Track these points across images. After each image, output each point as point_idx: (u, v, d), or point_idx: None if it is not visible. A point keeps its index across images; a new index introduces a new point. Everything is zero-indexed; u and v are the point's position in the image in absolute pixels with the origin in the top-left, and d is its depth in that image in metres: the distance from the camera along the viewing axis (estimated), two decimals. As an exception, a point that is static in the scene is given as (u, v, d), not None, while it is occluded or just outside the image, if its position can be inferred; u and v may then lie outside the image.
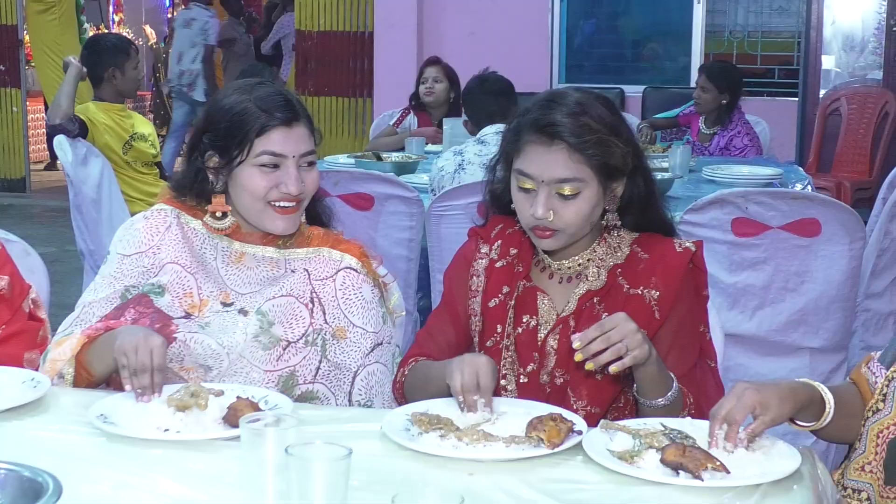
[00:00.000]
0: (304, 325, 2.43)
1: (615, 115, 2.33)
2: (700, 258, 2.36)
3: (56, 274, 4.32)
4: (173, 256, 2.47)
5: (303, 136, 2.43)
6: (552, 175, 2.26)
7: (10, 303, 2.66)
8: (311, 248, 2.51)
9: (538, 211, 2.26)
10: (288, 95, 2.46)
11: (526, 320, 2.39)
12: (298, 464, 1.62)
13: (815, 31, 8.57)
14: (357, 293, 2.48)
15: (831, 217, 3.97)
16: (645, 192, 2.36)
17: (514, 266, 2.42)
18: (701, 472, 1.80)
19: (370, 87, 9.51)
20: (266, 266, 2.49)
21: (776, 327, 4.12)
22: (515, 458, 1.92)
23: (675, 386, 2.21)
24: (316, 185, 2.48)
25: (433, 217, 4.35)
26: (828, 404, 2.02)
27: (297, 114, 2.42)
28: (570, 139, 2.24)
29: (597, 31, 9.83)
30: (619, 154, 2.28)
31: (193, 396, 2.06)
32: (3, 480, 1.65)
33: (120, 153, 5.44)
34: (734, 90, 6.46)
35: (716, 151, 6.45)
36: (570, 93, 2.33)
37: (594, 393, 2.30)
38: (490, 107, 4.71)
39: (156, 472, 1.85)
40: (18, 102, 10.71)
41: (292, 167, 2.40)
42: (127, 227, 2.54)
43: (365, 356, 2.46)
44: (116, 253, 2.51)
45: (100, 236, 5.22)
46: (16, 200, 10.33)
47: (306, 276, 2.47)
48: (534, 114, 2.29)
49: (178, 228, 2.50)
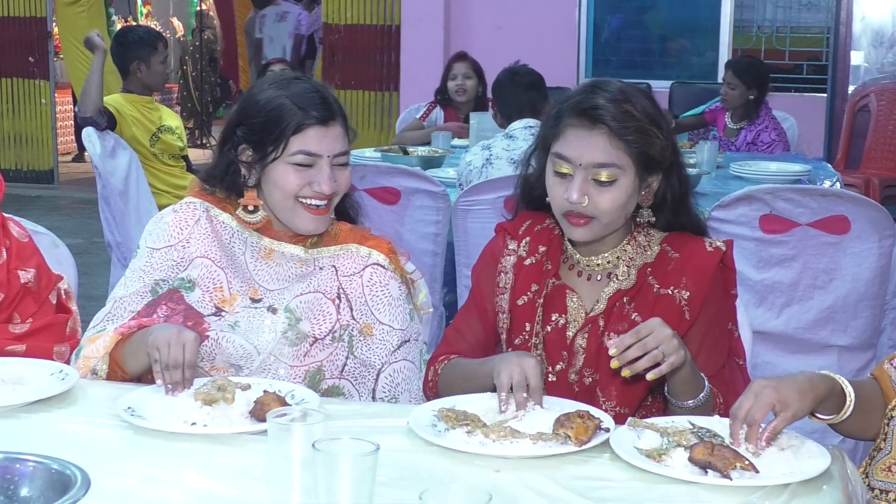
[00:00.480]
0: (331, 321, 2.42)
1: (657, 109, 2.31)
2: (730, 257, 2.34)
3: (84, 265, 4.34)
4: (203, 250, 2.47)
5: (338, 136, 2.42)
6: (591, 159, 2.24)
7: (36, 295, 2.67)
8: (339, 245, 2.50)
9: (573, 195, 2.24)
10: (324, 92, 2.44)
11: (555, 319, 2.37)
12: (325, 459, 1.62)
13: (845, 27, 8.51)
14: (384, 290, 2.47)
15: (860, 214, 3.94)
16: (679, 193, 2.34)
17: (542, 263, 2.40)
18: (730, 471, 1.79)
19: (396, 81, 9.51)
20: (294, 263, 2.48)
21: (804, 325, 4.09)
22: (542, 455, 1.91)
23: (706, 387, 2.19)
24: (348, 184, 2.47)
25: (460, 211, 4.35)
26: (848, 397, 2.00)
27: (333, 112, 2.41)
28: (612, 123, 2.22)
29: (624, 26, 9.80)
30: (658, 145, 2.26)
31: (220, 390, 2.07)
32: (32, 473, 1.66)
33: (147, 145, 5.46)
34: (761, 85, 6.42)
35: (742, 146, 6.41)
36: (614, 81, 2.32)
37: (623, 393, 2.29)
38: (520, 99, 4.70)
39: (182, 466, 1.85)
40: (47, 94, 10.76)
41: (326, 166, 2.39)
42: (156, 221, 2.54)
43: (390, 353, 2.45)
44: (146, 247, 2.51)
45: (127, 228, 5.25)
46: (44, 192, 10.38)
47: (334, 272, 2.47)
48: (576, 98, 2.28)
49: (207, 222, 2.50)
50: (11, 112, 10.83)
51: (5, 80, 10.80)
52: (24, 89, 10.79)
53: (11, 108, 10.83)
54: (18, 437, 1.97)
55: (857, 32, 8.77)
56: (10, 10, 10.68)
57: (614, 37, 9.78)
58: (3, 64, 10.76)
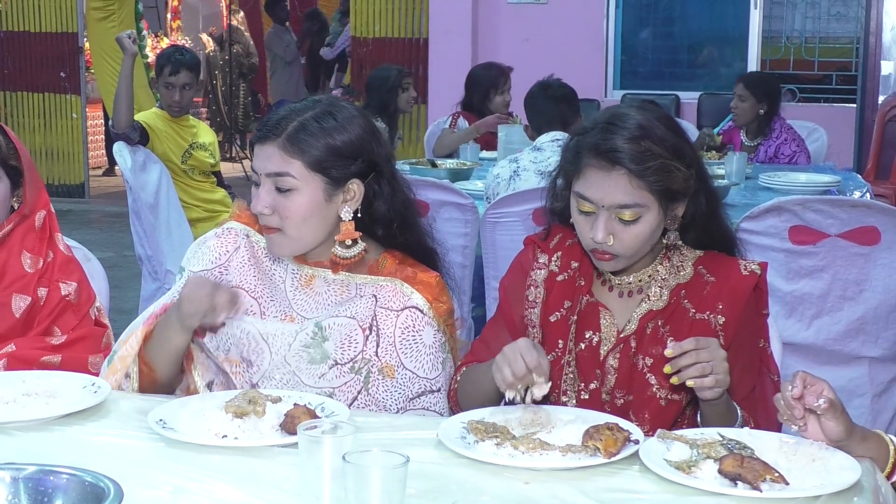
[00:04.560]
0: (356, 349, 2.38)
1: (678, 136, 2.28)
2: (764, 280, 2.34)
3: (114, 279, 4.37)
4: (238, 280, 2.46)
5: (269, 156, 2.35)
6: (612, 200, 2.23)
7: (77, 309, 2.72)
8: (385, 277, 2.43)
9: (598, 235, 2.24)
10: (293, 114, 2.36)
11: (588, 336, 2.37)
12: (355, 471, 1.63)
13: (874, 37, 8.47)
14: (416, 335, 2.40)
15: (891, 225, 3.92)
16: (707, 211, 2.33)
17: (575, 279, 2.40)
18: (759, 483, 1.79)
19: (424, 94, 9.53)
20: (336, 288, 2.45)
21: (834, 336, 4.08)
22: (572, 466, 1.91)
23: (739, 418, 2.20)
24: (292, 216, 2.35)
25: (488, 224, 4.35)
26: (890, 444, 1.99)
27: (268, 132, 2.35)
28: (631, 165, 2.20)
29: (652, 37, 9.79)
30: (681, 178, 2.25)
31: (251, 403, 2.08)
32: (66, 486, 1.67)
33: (178, 162, 5.49)
34: (772, 99, 6.41)
35: (765, 162, 6.38)
36: (631, 114, 2.27)
37: (657, 416, 2.29)
38: (550, 112, 4.70)
39: (214, 478, 1.86)
40: (78, 109, 10.85)
41: (262, 186, 2.37)
42: (199, 244, 2.54)
43: (409, 400, 2.39)
44: (188, 269, 2.50)
45: (157, 242, 5.28)
46: (75, 206, 10.45)
47: (373, 301, 2.41)
48: (594, 137, 2.25)
49: (246, 250, 2.48)
50: (43, 127, 10.92)
51: (37, 95, 10.90)
52: (55, 104, 10.88)
53: (43, 123, 10.92)
54: (52, 450, 1.99)
55: (886, 42, 8.73)
56: (42, 26, 10.79)
57: (642, 48, 9.77)
58: (35, 79, 10.86)
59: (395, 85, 6.44)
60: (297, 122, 2.34)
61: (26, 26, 10.83)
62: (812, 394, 1.91)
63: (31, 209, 2.74)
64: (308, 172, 2.34)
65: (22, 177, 2.73)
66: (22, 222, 2.73)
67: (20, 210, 2.73)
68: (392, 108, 6.44)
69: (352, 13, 10.03)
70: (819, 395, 1.90)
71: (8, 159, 2.71)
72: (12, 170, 2.71)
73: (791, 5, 9.36)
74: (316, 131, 2.34)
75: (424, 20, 9.58)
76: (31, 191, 2.74)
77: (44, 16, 10.78)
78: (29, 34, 10.82)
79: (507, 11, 9.29)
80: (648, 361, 2.31)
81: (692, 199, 2.31)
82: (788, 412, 1.94)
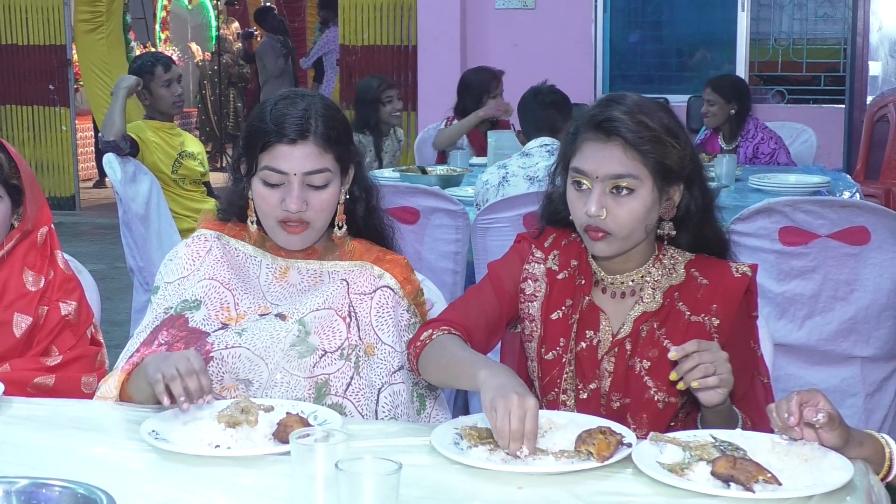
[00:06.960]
0: (340, 337, 2.44)
1: (675, 122, 2.30)
2: (754, 282, 2.34)
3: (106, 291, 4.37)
4: (210, 274, 2.50)
5: (307, 155, 2.40)
6: (607, 171, 2.24)
7: (76, 329, 2.70)
8: (354, 262, 2.52)
9: (591, 208, 2.24)
10: (309, 110, 2.41)
11: (589, 336, 2.37)
12: (348, 479, 1.63)
13: (862, 38, 8.49)
14: (391, 313, 2.48)
15: (880, 225, 3.93)
16: (702, 206, 2.33)
17: (575, 278, 2.40)
18: (752, 485, 1.79)
19: (414, 101, 9.53)
20: (309, 278, 2.52)
21: (826, 336, 4.08)
22: (565, 471, 1.91)
23: (739, 422, 2.19)
24: (325, 207, 2.45)
25: (478, 230, 4.35)
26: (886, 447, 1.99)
27: (304, 131, 2.39)
28: (627, 135, 2.23)
29: (640, 41, 9.81)
30: (675, 155, 2.26)
31: (243, 413, 2.08)
32: (59, 498, 1.66)
33: (168, 172, 5.48)
34: (741, 98, 6.46)
35: (745, 163, 6.39)
36: (631, 95, 2.32)
37: (654, 419, 2.29)
38: (539, 118, 4.71)
39: (207, 488, 1.86)
40: (67, 121, 10.84)
41: (295, 184, 2.40)
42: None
43: (390, 374, 2.45)
44: (163, 282, 2.55)
45: (149, 253, 5.27)
46: (65, 218, 10.43)
47: (345, 287, 2.48)
48: (592, 112, 2.29)
49: (218, 250, 2.53)
50: (33, 140, 10.91)
51: (26, 108, 10.90)
52: (44, 117, 10.88)
53: (33, 136, 10.92)
54: (44, 463, 1.98)
55: (874, 43, 8.75)
56: (30, 38, 10.79)
57: (631, 52, 9.78)
58: (23, 92, 10.86)
59: (375, 98, 6.42)
60: (320, 118, 2.42)
61: (14, 39, 10.83)
62: (809, 408, 1.91)
63: (33, 225, 2.70)
64: (336, 163, 2.44)
65: (23, 195, 2.70)
66: (24, 239, 2.70)
67: (21, 226, 2.69)
68: (374, 120, 6.41)
69: (340, 21, 10.03)
70: (817, 410, 1.90)
71: (10, 178, 2.67)
72: (13, 188, 2.69)
73: (778, 7, 9.38)
74: (336, 123, 2.45)
75: (413, 27, 9.59)
76: (33, 207, 2.70)
77: (32, 28, 10.78)
78: (17, 47, 10.83)
79: (496, 17, 9.29)
80: (646, 364, 2.31)
81: (688, 188, 2.31)
82: (781, 424, 1.94)
